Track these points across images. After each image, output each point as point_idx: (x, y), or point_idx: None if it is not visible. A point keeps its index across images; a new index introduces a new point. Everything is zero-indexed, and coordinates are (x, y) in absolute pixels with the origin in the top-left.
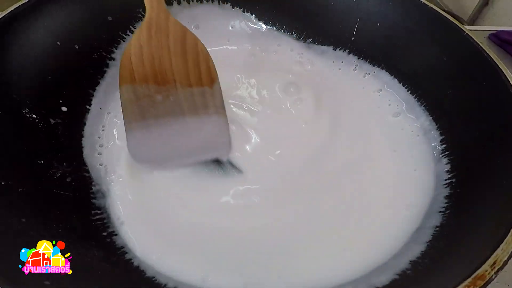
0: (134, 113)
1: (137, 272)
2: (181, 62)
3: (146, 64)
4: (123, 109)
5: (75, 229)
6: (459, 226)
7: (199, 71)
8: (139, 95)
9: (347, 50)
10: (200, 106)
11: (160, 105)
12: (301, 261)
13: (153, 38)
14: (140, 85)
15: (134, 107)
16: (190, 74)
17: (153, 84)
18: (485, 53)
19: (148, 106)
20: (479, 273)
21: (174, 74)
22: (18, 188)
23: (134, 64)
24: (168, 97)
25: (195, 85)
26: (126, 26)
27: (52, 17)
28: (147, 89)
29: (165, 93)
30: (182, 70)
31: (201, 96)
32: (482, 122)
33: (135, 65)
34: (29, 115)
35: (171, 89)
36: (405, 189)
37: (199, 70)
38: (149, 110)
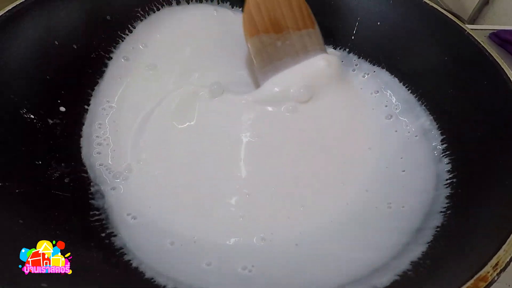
0: (264, 59)
1: (137, 273)
2: (289, 10)
3: (265, 16)
4: (255, 58)
5: (74, 230)
6: (460, 227)
7: (303, 16)
8: (264, 44)
9: (347, 49)
10: (308, 45)
11: (281, 49)
12: (302, 261)
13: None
14: (264, 35)
15: (263, 55)
16: (298, 19)
17: (273, 32)
18: (486, 52)
19: (272, 51)
20: (481, 274)
21: (287, 21)
22: (16, 189)
23: (256, 18)
24: (285, 41)
25: (302, 28)
26: (125, 25)
27: (50, 16)
28: (269, 38)
29: (282, 38)
30: (292, 17)
31: (308, 37)
32: (483, 121)
33: (257, 18)
34: (27, 116)
35: (286, 34)
36: (405, 189)
37: (302, 15)
38: (274, 54)
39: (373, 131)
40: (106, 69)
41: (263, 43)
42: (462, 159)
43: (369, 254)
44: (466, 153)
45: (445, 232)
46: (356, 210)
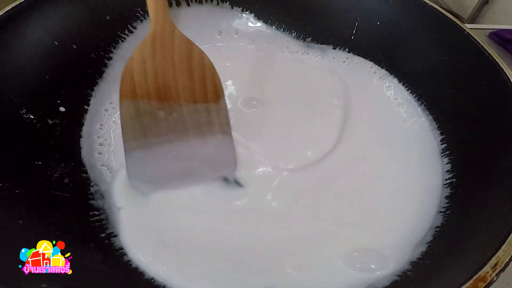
0: (135, 131)
1: (136, 274)
2: (186, 78)
3: (149, 79)
4: (123, 126)
5: (74, 230)
6: (460, 227)
7: (205, 86)
8: (140, 112)
9: (346, 49)
10: (204, 123)
11: (162, 122)
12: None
13: (157, 53)
14: (141, 101)
15: (135, 124)
16: (196, 90)
17: (156, 100)
18: (486, 52)
19: (149, 123)
20: (481, 274)
21: (179, 90)
22: (16, 190)
23: (136, 79)
24: (171, 113)
25: (200, 101)
26: (125, 25)
27: (50, 16)
28: (149, 105)
29: (168, 109)
30: (187, 86)
31: (206, 112)
32: (483, 121)
33: (137, 80)
34: (27, 116)
35: (174, 105)
36: (404, 189)
37: (204, 85)
38: (151, 127)
39: (372, 131)
40: (106, 69)
41: (138, 110)
42: (462, 159)
43: (369, 254)
44: (466, 153)
45: (445, 232)
46: (355, 210)
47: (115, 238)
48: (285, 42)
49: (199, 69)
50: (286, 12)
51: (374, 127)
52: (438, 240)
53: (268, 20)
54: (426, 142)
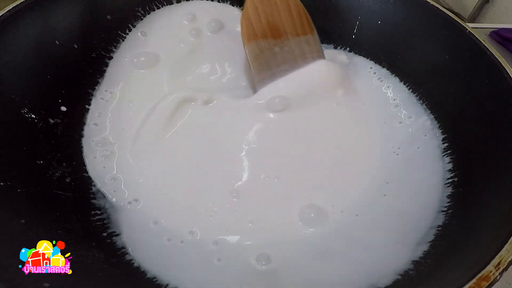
0: (261, 65)
1: (138, 273)
2: (288, 16)
3: (263, 21)
4: (252, 63)
5: (75, 229)
6: (462, 226)
7: (302, 22)
8: (262, 49)
9: (348, 48)
10: (308, 51)
11: (279, 54)
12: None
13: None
14: (262, 40)
15: (260, 60)
16: (297, 25)
17: (271, 37)
18: (488, 51)
19: (270, 57)
20: (484, 274)
21: (285, 27)
22: (17, 189)
23: (254, 23)
24: (284, 47)
25: (301, 34)
26: (125, 25)
27: (51, 16)
28: (267, 43)
29: (281, 44)
30: (291, 23)
31: (306, 43)
32: (484, 120)
33: (255, 23)
34: (28, 115)
35: (285, 40)
36: (406, 188)
37: (301, 21)
38: (271, 60)
39: (373, 130)
40: (107, 68)
41: (261, 48)
42: (463, 158)
43: (370, 253)
44: (468, 152)
45: (447, 231)
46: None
47: (116, 237)
48: None
49: (295, 8)
50: None
51: (375, 126)
52: (440, 239)
53: None
54: (428, 142)
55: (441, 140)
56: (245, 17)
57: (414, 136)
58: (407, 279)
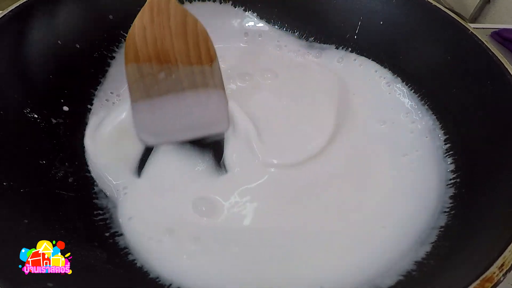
0: (140, 90)
1: (141, 273)
2: (182, 42)
3: (149, 44)
4: (129, 87)
5: (78, 229)
6: (464, 227)
7: (199, 50)
8: (143, 73)
9: (349, 48)
10: (200, 83)
11: (163, 82)
12: (304, 262)
13: (155, 20)
14: (144, 64)
15: (139, 85)
16: (191, 53)
17: (156, 63)
18: (490, 52)
19: (151, 83)
20: (487, 275)
21: (176, 54)
22: (20, 189)
23: (138, 44)
24: (170, 74)
25: (195, 63)
26: (127, 25)
27: (53, 16)
28: (151, 68)
29: (167, 70)
30: (183, 50)
31: (201, 74)
32: (486, 121)
33: (139, 45)
34: (31, 115)
35: (172, 67)
36: (408, 189)
37: (199, 49)
38: (153, 87)
39: (374, 131)
40: (109, 68)
41: (142, 72)
42: (466, 159)
43: (373, 254)
44: (470, 153)
45: (449, 232)
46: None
47: (119, 237)
48: (287, 41)
49: (193, 35)
50: (289, 12)
51: (376, 127)
52: (443, 240)
53: (271, 20)
54: (430, 142)
55: (443, 141)
56: (129, 36)
57: (416, 137)
58: (410, 280)
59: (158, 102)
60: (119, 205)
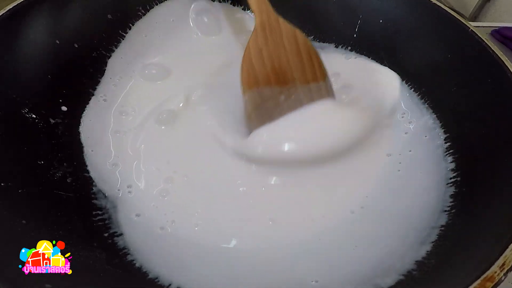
0: (262, 117)
1: (140, 274)
2: (297, 60)
3: (267, 65)
4: (251, 114)
5: (76, 230)
6: (465, 226)
7: (313, 67)
8: (264, 98)
9: (349, 47)
10: (316, 98)
11: (284, 104)
12: (304, 262)
13: (269, 39)
14: (264, 88)
15: (261, 111)
16: (306, 71)
17: (276, 85)
18: (490, 50)
19: (273, 107)
20: (488, 274)
21: (293, 73)
22: (18, 189)
23: (256, 68)
24: (291, 96)
25: (311, 81)
26: (126, 24)
27: (51, 15)
28: (271, 91)
29: (287, 92)
30: (299, 68)
31: (317, 90)
32: (487, 119)
33: (258, 68)
34: (29, 115)
35: (291, 88)
36: (408, 188)
37: (313, 66)
38: (274, 111)
39: (375, 129)
40: (107, 67)
41: (264, 97)
42: (466, 157)
43: (373, 253)
44: (470, 152)
45: (450, 231)
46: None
47: (118, 237)
48: None
49: (306, 51)
50: (288, 11)
51: (376, 126)
52: (443, 239)
53: None
54: (430, 141)
55: (443, 140)
56: (245, 60)
57: (416, 135)
58: (410, 279)
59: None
60: (123, 204)
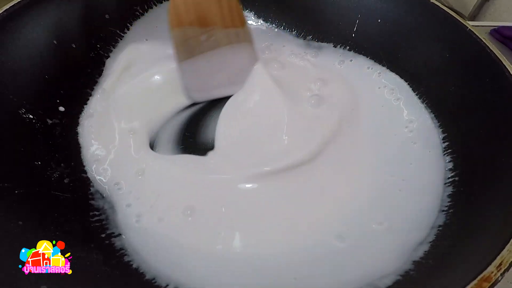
0: (185, 51)
1: (137, 275)
2: (218, 7)
3: (191, 9)
4: (176, 49)
5: (74, 231)
6: (463, 226)
7: (232, 14)
8: (188, 36)
9: (347, 47)
10: (234, 40)
11: (204, 43)
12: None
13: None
14: (188, 27)
15: (185, 47)
16: (226, 17)
17: (198, 26)
18: (489, 49)
19: (194, 45)
20: (485, 274)
21: (214, 18)
22: (15, 190)
23: (182, 9)
24: (211, 37)
25: (230, 26)
26: (124, 24)
27: (48, 15)
28: (193, 31)
29: (208, 33)
30: (220, 14)
31: (235, 35)
32: (485, 119)
33: (183, 10)
34: (26, 116)
35: (212, 30)
36: (406, 188)
37: (231, 13)
38: (196, 48)
39: (372, 129)
40: (105, 68)
41: (187, 35)
42: (464, 157)
43: (371, 253)
44: (468, 151)
45: (448, 231)
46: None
47: (115, 238)
48: (285, 40)
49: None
50: (286, 11)
51: (375, 125)
52: (441, 239)
53: (268, 19)
54: (428, 140)
55: (442, 139)
56: (173, 3)
57: (414, 135)
58: (408, 279)
59: (200, 59)
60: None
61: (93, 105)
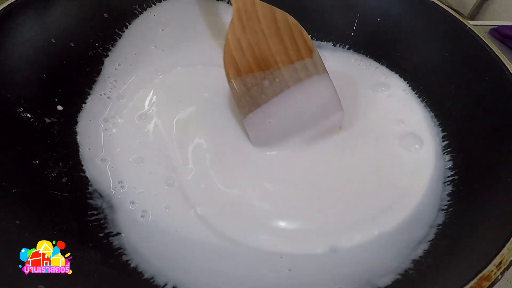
0: (249, 104)
1: (135, 274)
2: (278, 42)
3: (247, 54)
4: (238, 104)
5: (72, 230)
6: (462, 225)
7: (297, 45)
8: (248, 86)
9: (347, 45)
10: (304, 76)
11: (269, 88)
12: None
13: (246, 27)
14: (247, 76)
15: (247, 99)
16: (289, 51)
17: (258, 71)
18: (488, 48)
19: (258, 93)
20: (485, 273)
21: (275, 56)
22: (12, 189)
23: (236, 58)
24: (275, 79)
25: (296, 60)
26: (123, 23)
27: (46, 14)
28: (254, 78)
29: (270, 76)
30: (281, 49)
31: (304, 68)
32: (485, 118)
33: (238, 58)
34: (24, 115)
35: (275, 71)
36: (405, 187)
37: (296, 44)
38: (260, 96)
39: (372, 128)
40: (103, 67)
41: (247, 85)
42: (464, 156)
43: (370, 252)
44: (468, 150)
45: (447, 230)
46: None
47: (113, 237)
48: None
49: (287, 30)
50: (285, 9)
51: (374, 123)
52: (441, 238)
53: None
54: (427, 139)
55: (441, 138)
56: (226, 52)
57: (413, 134)
58: (407, 278)
59: (268, 107)
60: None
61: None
